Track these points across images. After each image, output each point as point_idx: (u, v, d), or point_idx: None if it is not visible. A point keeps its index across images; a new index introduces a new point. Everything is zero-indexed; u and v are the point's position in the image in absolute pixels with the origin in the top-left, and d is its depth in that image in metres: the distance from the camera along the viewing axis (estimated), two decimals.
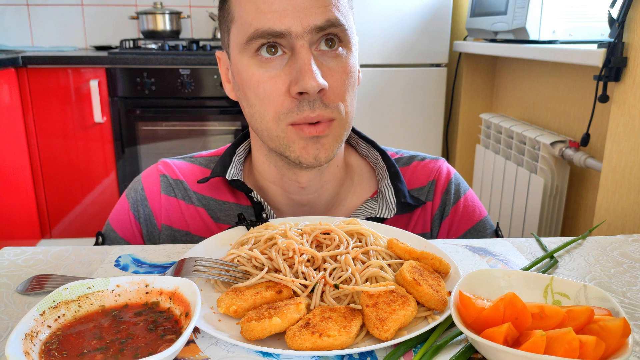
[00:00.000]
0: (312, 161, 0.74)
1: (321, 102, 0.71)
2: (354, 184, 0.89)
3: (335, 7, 0.71)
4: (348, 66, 0.73)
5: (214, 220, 0.86)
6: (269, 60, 0.71)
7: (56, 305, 0.52)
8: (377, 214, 0.84)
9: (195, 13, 2.97)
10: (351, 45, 0.74)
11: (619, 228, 1.26)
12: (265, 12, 0.69)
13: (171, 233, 0.87)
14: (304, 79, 0.68)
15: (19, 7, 2.86)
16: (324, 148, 0.74)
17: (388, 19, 2.38)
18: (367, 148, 0.90)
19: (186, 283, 0.54)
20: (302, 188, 0.83)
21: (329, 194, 0.85)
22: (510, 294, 0.50)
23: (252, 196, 0.84)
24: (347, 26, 0.72)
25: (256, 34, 0.69)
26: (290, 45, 0.70)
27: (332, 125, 0.74)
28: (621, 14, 1.22)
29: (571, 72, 1.78)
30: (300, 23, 0.68)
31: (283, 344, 0.51)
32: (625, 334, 0.47)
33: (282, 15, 0.68)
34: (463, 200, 0.89)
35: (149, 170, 0.90)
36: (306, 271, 0.60)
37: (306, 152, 0.74)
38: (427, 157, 0.92)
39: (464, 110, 2.53)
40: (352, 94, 0.75)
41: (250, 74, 0.72)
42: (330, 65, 0.72)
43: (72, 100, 2.37)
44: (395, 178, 0.86)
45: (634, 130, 1.21)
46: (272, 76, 0.71)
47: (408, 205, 0.85)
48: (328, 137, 0.74)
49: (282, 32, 0.68)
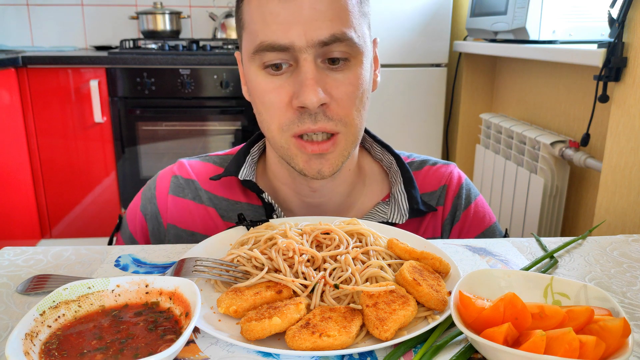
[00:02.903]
0: (315, 175, 0.75)
1: (324, 115, 0.71)
2: (365, 187, 0.89)
3: (342, 20, 0.69)
4: (356, 78, 0.72)
5: (223, 220, 0.87)
6: (275, 73, 0.71)
7: (56, 305, 0.52)
8: (390, 218, 0.84)
9: (195, 13, 2.97)
10: (361, 55, 0.72)
11: (619, 228, 1.26)
12: (270, 23, 0.68)
13: (177, 232, 0.87)
14: (304, 94, 0.68)
15: (19, 7, 2.86)
16: (328, 163, 0.74)
17: (388, 19, 2.38)
18: (382, 152, 0.90)
19: (186, 283, 0.54)
20: (313, 191, 0.83)
21: (340, 197, 0.86)
22: (510, 294, 0.50)
23: (263, 197, 0.84)
24: (355, 38, 0.70)
25: (262, 47, 0.69)
26: (295, 58, 0.70)
27: (336, 140, 0.73)
28: (621, 14, 1.22)
29: (571, 72, 1.78)
30: (305, 37, 0.67)
31: (283, 344, 0.51)
32: (625, 334, 0.47)
33: (286, 28, 0.68)
34: (474, 206, 0.89)
35: (165, 170, 0.92)
36: (306, 271, 0.60)
37: (309, 166, 0.74)
38: (439, 162, 0.92)
39: (464, 110, 2.53)
40: (360, 105, 0.74)
41: (257, 82, 0.73)
42: (337, 77, 0.71)
43: (72, 100, 2.37)
44: (409, 184, 0.86)
45: (634, 130, 1.21)
46: (276, 87, 0.71)
47: (420, 211, 0.85)
48: (333, 152, 0.74)
49: (286, 45, 0.68)
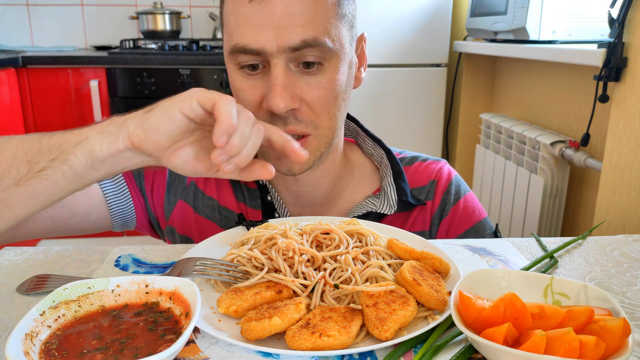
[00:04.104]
0: (286, 172, 0.76)
1: (294, 118, 0.72)
2: (353, 179, 0.90)
3: (314, 25, 0.68)
4: (329, 81, 0.72)
5: (219, 203, 0.88)
6: (250, 73, 0.72)
7: (56, 305, 0.52)
8: (378, 209, 0.85)
9: (195, 13, 2.97)
10: (337, 59, 0.72)
11: (619, 228, 1.26)
12: (243, 26, 0.69)
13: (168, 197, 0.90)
14: (271, 99, 0.69)
15: (19, 7, 2.86)
16: (298, 162, 0.74)
17: (388, 19, 2.38)
18: (373, 146, 0.91)
19: (186, 283, 0.54)
20: (296, 180, 0.84)
21: (325, 187, 0.87)
22: (510, 294, 0.50)
23: (257, 180, 0.85)
24: (328, 42, 0.70)
25: (235, 49, 0.70)
26: (267, 61, 0.70)
27: (307, 141, 0.74)
28: (621, 14, 1.22)
29: (571, 72, 1.78)
30: (276, 41, 0.68)
31: (283, 344, 0.51)
32: (625, 334, 0.47)
33: (257, 33, 0.68)
34: (463, 201, 0.90)
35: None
36: (306, 271, 0.60)
37: (279, 163, 0.75)
38: (430, 159, 0.94)
39: (464, 110, 2.53)
40: (333, 107, 0.74)
41: (233, 80, 0.74)
42: (309, 81, 0.71)
43: (72, 100, 2.37)
44: (398, 177, 0.87)
45: (634, 130, 1.21)
46: (249, 86, 0.72)
47: (409, 203, 0.87)
48: None
49: (257, 50, 0.69)
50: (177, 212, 0.89)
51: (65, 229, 0.83)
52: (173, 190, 0.90)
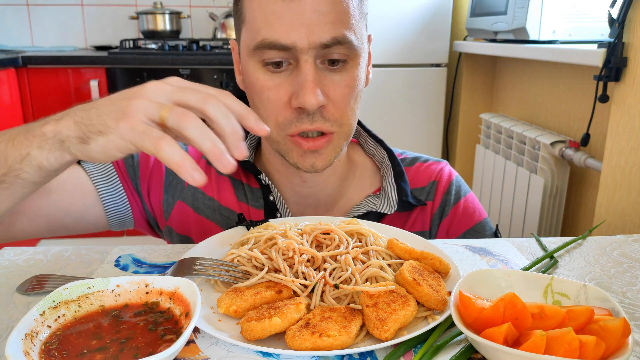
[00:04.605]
0: (308, 168, 0.77)
1: (321, 116, 0.73)
2: (355, 179, 0.91)
3: (343, 23, 0.70)
4: (352, 79, 0.74)
5: (221, 203, 0.88)
6: (275, 71, 0.72)
7: (56, 305, 0.52)
8: (378, 208, 0.85)
9: (195, 13, 2.97)
10: (359, 57, 0.74)
11: (619, 228, 1.26)
12: (273, 23, 0.69)
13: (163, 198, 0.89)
14: (303, 96, 0.69)
15: (19, 7, 2.86)
16: (322, 157, 0.76)
17: (388, 19, 2.38)
18: (375, 146, 0.92)
19: (186, 283, 0.54)
20: (303, 181, 0.85)
21: (331, 188, 0.87)
22: (510, 294, 0.50)
23: (260, 178, 0.86)
24: (354, 40, 0.72)
25: (263, 44, 0.70)
26: (295, 58, 0.70)
27: (331, 138, 0.75)
28: (621, 14, 1.22)
29: (571, 72, 1.78)
30: (307, 38, 0.68)
31: (283, 344, 0.51)
32: (625, 334, 0.47)
33: (289, 29, 0.68)
34: (463, 202, 0.90)
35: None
36: (306, 271, 0.60)
37: (303, 160, 0.76)
38: (431, 159, 0.94)
39: (464, 110, 2.53)
40: (354, 105, 0.76)
41: (255, 78, 0.73)
42: (334, 79, 0.72)
43: (72, 100, 2.37)
44: (399, 177, 0.87)
45: (634, 130, 1.21)
46: (275, 85, 0.72)
47: (409, 204, 0.87)
48: (326, 148, 0.76)
49: (288, 45, 0.69)
50: (175, 213, 0.89)
51: (61, 228, 0.83)
52: (171, 191, 0.89)
